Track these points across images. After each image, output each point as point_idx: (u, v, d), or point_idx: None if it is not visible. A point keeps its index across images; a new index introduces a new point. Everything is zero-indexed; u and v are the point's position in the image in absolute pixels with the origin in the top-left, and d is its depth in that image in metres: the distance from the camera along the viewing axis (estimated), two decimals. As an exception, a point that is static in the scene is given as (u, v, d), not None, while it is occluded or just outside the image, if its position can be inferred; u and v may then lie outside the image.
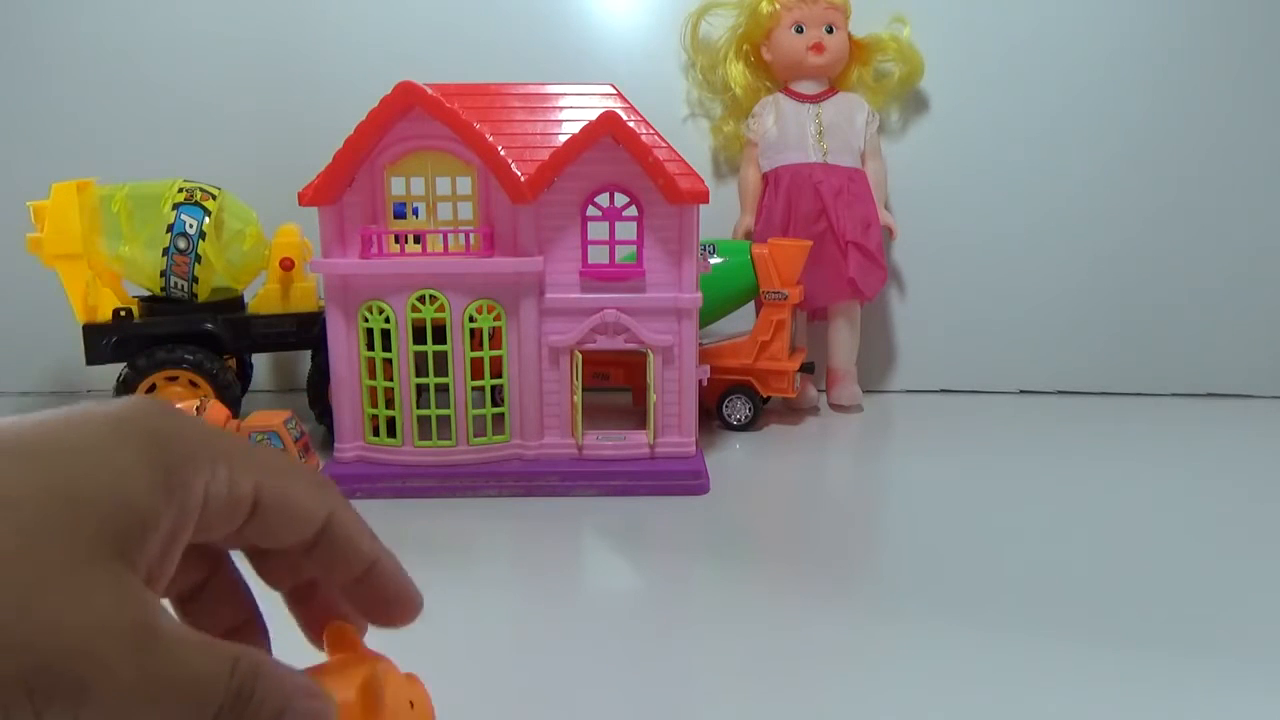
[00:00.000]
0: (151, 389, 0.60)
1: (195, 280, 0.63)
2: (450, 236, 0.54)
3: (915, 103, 0.82)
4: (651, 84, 0.81)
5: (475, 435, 0.55)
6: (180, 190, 0.63)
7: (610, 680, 0.35)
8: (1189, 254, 0.81)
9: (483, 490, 0.55)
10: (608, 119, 0.52)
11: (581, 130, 0.53)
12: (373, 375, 0.55)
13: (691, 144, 0.82)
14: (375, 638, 0.22)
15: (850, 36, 0.77)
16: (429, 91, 0.51)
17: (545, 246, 0.54)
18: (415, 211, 0.56)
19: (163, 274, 0.62)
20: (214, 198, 0.63)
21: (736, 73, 0.78)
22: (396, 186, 0.54)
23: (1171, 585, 0.43)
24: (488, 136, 0.52)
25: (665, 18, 0.80)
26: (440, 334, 0.54)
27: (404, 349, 0.54)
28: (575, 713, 0.33)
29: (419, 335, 0.54)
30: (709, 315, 0.71)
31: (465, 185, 0.54)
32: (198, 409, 0.49)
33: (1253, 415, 0.76)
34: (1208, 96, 0.79)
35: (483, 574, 0.46)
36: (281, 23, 0.80)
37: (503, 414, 0.56)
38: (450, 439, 0.55)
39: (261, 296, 0.65)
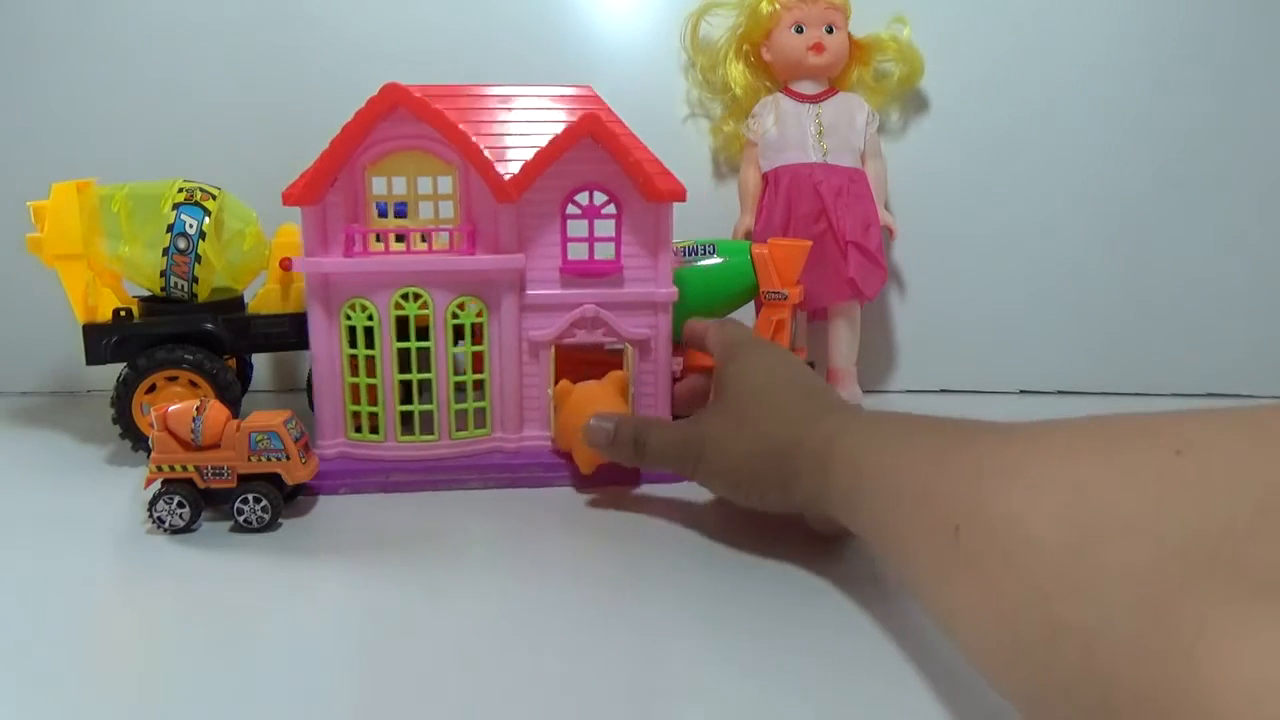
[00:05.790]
0: (151, 389, 0.60)
1: (195, 280, 0.63)
2: (433, 234, 0.55)
3: (915, 103, 0.82)
4: (651, 84, 0.81)
5: (457, 430, 0.56)
6: (180, 190, 0.63)
7: (605, 671, 0.35)
8: (1190, 254, 0.81)
9: (466, 483, 0.56)
10: (589, 120, 0.54)
11: (564, 131, 0.54)
12: (355, 372, 0.55)
13: (691, 144, 0.82)
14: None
15: (850, 36, 0.77)
16: (414, 93, 0.52)
17: (526, 244, 0.56)
18: (402, 210, 0.56)
19: (163, 274, 0.62)
20: (214, 198, 0.63)
21: (736, 73, 0.78)
22: (378, 186, 0.55)
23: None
24: (472, 137, 0.53)
25: (665, 18, 0.80)
26: (421, 330, 0.55)
27: (387, 346, 0.55)
28: (567, 702, 0.33)
29: (401, 332, 0.55)
30: (709, 315, 0.71)
31: (446, 184, 0.55)
32: (198, 409, 0.49)
33: (1253, 415, 0.76)
34: (1210, 96, 0.79)
35: (470, 566, 0.46)
36: (282, 23, 0.80)
37: (484, 408, 0.57)
38: (433, 434, 0.56)
39: (261, 296, 0.66)
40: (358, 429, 0.56)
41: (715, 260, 0.69)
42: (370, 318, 0.55)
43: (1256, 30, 0.79)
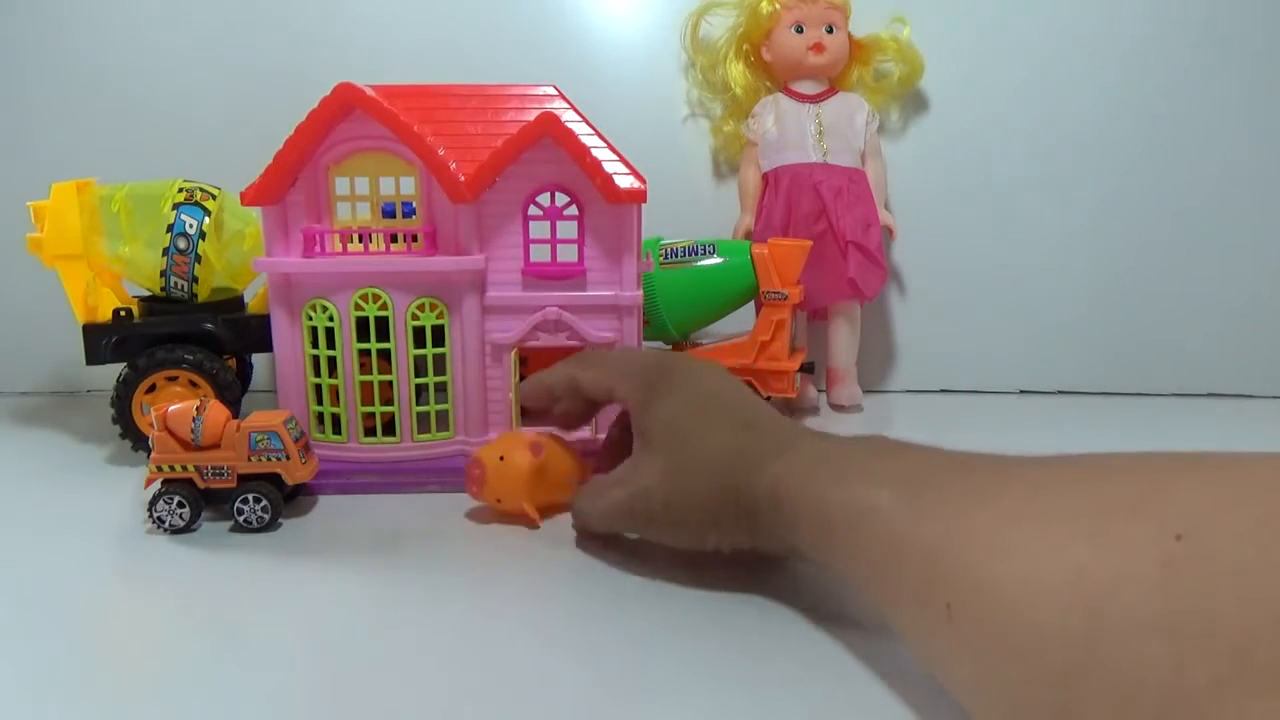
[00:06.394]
0: (151, 389, 0.60)
1: (195, 280, 0.63)
2: (391, 235, 0.55)
3: (915, 103, 0.82)
4: (651, 84, 0.81)
5: (419, 432, 0.56)
6: (180, 190, 0.63)
7: (573, 678, 0.35)
8: (1189, 254, 0.81)
9: (428, 486, 0.55)
10: (545, 120, 0.53)
11: (520, 131, 0.54)
12: (318, 373, 0.56)
13: (691, 144, 0.82)
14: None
15: (850, 36, 0.77)
16: (368, 93, 0.52)
17: (487, 245, 0.55)
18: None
19: (163, 274, 0.62)
20: (214, 198, 0.63)
21: (736, 73, 0.78)
22: (341, 186, 0.55)
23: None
24: (428, 138, 0.53)
25: (665, 18, 0.80)
26: (384, 330, 0.55)
27: (348, 347, 0.55)
28: (566, 699, 0.33)
29: (365, 332, 0.55)
30: (709, 315, 0.71)
31: (409, 185, 0.55)
32: (198, 409, 0.49)
33: (1253, 415, 0.76)
34: (1210, 96, 0.80)
35: (473, 567, 0.46)
36: (280, 24, 0.80)
37: (447, 410, 0.57)
38: (395, 435, 0.56)
39: (261, 296, 0.65)
40: (320, 430, 0.57)
41: (715, 260, 0.69)
42: (331, 318, 0.54)
43: (1257, 41, 0.79)
